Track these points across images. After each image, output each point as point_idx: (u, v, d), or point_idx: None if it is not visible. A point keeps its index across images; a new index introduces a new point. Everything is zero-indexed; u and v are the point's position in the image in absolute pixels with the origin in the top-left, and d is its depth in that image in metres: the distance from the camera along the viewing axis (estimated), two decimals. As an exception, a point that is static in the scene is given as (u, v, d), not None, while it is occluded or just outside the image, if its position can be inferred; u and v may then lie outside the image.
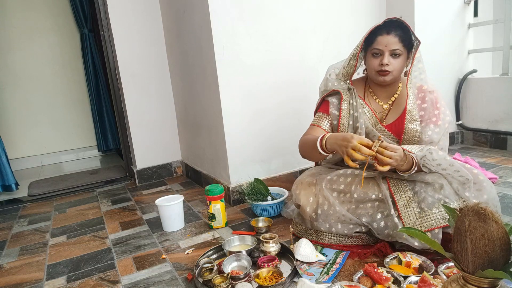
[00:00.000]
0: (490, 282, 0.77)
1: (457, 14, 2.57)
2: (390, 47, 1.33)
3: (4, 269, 1.54)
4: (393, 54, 1.34)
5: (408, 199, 1.26)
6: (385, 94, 1.46)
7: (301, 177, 1.53)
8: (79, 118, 3.92)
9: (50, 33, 3.68)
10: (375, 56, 1.36)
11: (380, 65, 1.35)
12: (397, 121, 1.41)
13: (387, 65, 1.34)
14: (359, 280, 1.12)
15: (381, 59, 1.34)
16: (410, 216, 1.23)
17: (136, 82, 2.52)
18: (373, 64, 1.37)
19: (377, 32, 1.34)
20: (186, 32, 2.17)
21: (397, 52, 1.33)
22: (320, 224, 1.37)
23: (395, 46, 1.32)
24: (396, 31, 1.32)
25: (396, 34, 1.32)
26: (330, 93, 1.50)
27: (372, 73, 1.40)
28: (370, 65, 1.40)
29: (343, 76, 1.50)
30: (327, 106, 1.50)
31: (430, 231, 1.18)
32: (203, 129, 2.24)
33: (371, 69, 1.40)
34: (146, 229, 1.79)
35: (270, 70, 2.00)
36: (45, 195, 2.55)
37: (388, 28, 1.33)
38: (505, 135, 2.45)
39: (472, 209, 0.77)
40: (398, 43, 1.32)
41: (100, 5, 2.42)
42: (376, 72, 1.37)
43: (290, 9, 2.01)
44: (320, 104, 1.55)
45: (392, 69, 1.35)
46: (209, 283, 1.17)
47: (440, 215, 1.19)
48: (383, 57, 1.34)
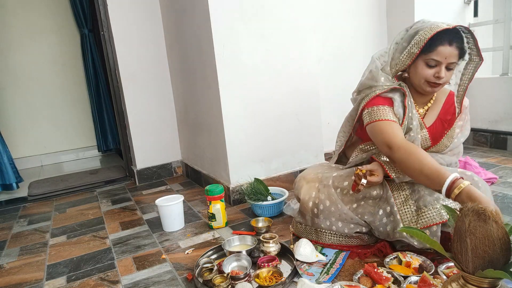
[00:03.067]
0: (490, 282, 0.77)
1: (457, 14, 2.57)
2: (449, 59, 1.21)
3: (4, 269, 1.54)
4: (448, 67, 1.23)
5: (405, 197, 1.26)
6: (422, 100, 1.37)
7: (304, 172, 1.53)
8: (79, 118, 3.92)
9: (50, 33, 3.68)
10: (430, 66, 1.23)
11: (435, 77, 1.23)
12: (433, 126, 1.38)
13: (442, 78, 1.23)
14: (359, 280, 1.12)
15: (437, 71, 1.23)
16: (407, 214, 1.23)
17: (136, 82, 2.52)
18: (426, 73, 1.24)
19: (437, 39, 1.19)
20: (186, 32, 2.17)
21: (453, 66, 1.24)
22: (320, 221, 1.37)
23: (454, 59, 1.22)
24: (458, 43, 1.21)
25: (457, 46, 1.21)
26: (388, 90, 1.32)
27: (421, 81, 1.27)
28: (421, 73, 1.26)
29: (391, 72, 1.34)
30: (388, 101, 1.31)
31: (427, 228, 1.18)
32: (203, 129, 2.24)
33: (420, 77, 1.26)
34: (146, 229, 1.79)
35: (270, 70, 2.00)
36: (45, 195, 2.55)
37: (451, 38, 1.20)
38: (505, 135, 2.45)
39: (472, 209, 0.77)
40: (457, 56, 1.22)
41: (100, 5, 2.42)
42: (426, 81, 1.26)
43: (290, 9, 2.01)
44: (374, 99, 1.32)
45: (444, 82, 1.25)
46: (209, 283, 1.17)
47: (435, 212, 1.19)
48: (440, 69, 1.22)
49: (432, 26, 1.20)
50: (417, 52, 1.23)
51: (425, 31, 1.21)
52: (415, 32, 1.25)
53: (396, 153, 1.20)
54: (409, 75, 1.32)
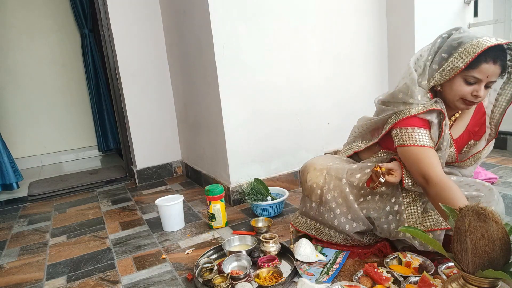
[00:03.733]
0: (490, 282, 0.77)
1: (457, 14, 2.57)
2: (491, 78, 1.12)
3: (4, 269, 1.54)
4: (487, 86, 1.14)
5: (414, 197, 1.24)
6: (450, 112, 1.28)
7: (313, 159, 1.48)
8: (79, 118, 3.92)
9: (50, 33, 3.68)
10: (469, 83, 1.14)
11: (473, 95, 1.14)
12: (459, 138, 1.32)
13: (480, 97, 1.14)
14: (359, 280, 1.12)
15: (476, 89, 1.13)
16: (412, 214, 1.22)
17: (136, 82, 2.52)
18: (464, 90, 1.14)
19: (481, 56, 1.09)
20: (186, 32, 2.17)
21: (492, 84, 1.16)
22: (325, 210, 1.34)
23: (495, 78, 1.13)
24: (502, 60, 1.12)
25: (501, 64, 1.11)
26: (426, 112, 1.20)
27: (455, 98, 1.18)
28: (458, 90, 1.16)
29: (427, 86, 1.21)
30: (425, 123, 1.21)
31: (430, 231, 1.17)
32: (203, 129, 2.24)
33: (456, 94, 1.17)
34: (146, 229, 1.79)
35: (270, 70, 2.00)
36: (45, 195, 2.55)
37: (496, 55, 1.10)
38: (505, 135, 2.45)
39: (472, 209, 0.77)
40: (498, 74, 1.13)
41: (100, 5, 2.42)
42: (461, 99, 1.17)
43: (290, 9, 2.01)
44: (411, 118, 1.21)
45: (480, 100, 1.16)
46: (209, 283, 1.17)
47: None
48: (479, 88, 1.13)
49: (479, 40, 1.10)
50: (462, 67, 1.11)
51: (472, 44, 1.10)
52: (458, 44, 1.14)
53: (432, 189, 1.12)
54: (443, 89, 1.21)
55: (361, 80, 2.49)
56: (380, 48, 2.54)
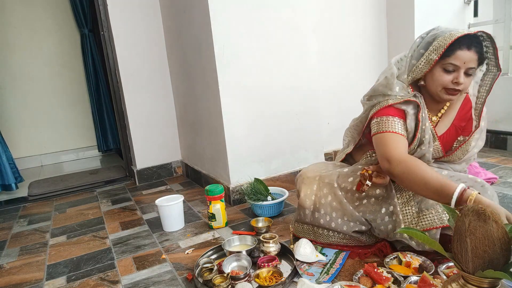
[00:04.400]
0: (490, 282, 0.77)
1: (457, 14, 2.57)
2: (468, 64, 1.16)
3: (4, 269, 1.54)
4: (467, 73, 1.18)
5: (408, 198, 1.25)
6: (436, 107, 1.32)
7: (306, 169, 1.51)
8: (79, 118, 3.92)
9: (50, 33, 3.68)
10: (447, 71, 1.19)
11: (454, 83, 1.18)
12: (446, 133, 1.34)
13: (461, 84, 1.18)
14: (359, 280, 1.12)
15: (456, 77, 1.18)
16: (408, 215, 1.23)
17: (136, 82, 2.52)
18: (444, 79, 1.19)
19: (456, 44, 1.15)
20: (186, 32, 2.17)
21: (471, 71, 1.19)
22: (321, 215, 1.35)
23: (473, 64, 1.17)
24: (477, 48, 1.16)
25: (477, 51, 1.16)
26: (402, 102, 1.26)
27: (438, 88, 1.22)
28: (439, 79, 1.20)
29: (407, 80, 1.28)
30: (400, 113, 1.26)
31: (426, 231, 1.18)
32: (203, 129, 2.24)
33: (438, 84, 1.21)
34: (146, 229, 1.79)
35: (270, 70, 2.00)
36: (45, 195, 2.55)
37: (470, 43, 1.15)
38: (505, 135, 2.45)
39: (472, 209, 0.77)
40: (476, 61, 1.17)
41: (100, 5, 2.42)
42: (444, 89, 1.21)
43: (290, 9, 2.01)
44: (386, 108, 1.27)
45: (463, 88, 1.20)
46: (209, 283, 1.17)
47: (436, 216, 1.19)
48: (458, 75, 1.17)
49: (452, 32, 1.16)
50: (436, 59, 1.18)
51: (444, 37, 1.17)
52: (433, 39, 1.20)
53: (395, 168, 1.15)
54: (426, 82, 1.26)
55: (361, 79, 2.49)
56: (380, 48, 2.54)
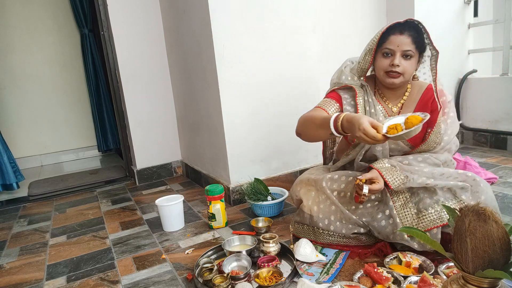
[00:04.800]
0: (490, 282, 0.77)
1: (457, 14, 2.57)
2: (402, 47, 1.26)
3: (4, 269, 1.54)
4: (405, 55, 1.28)
5: (405, 200, 1.26)
6: (394, 96, 1.40)
7: (301, 176, 1.54)
8: (79, 118, 3.92)
9: (50, 33, 3.68)
10: (386, 56, 1.30)
11: (390, 65, 1.29)
12: None
13: (397, 66, 1.27)
14: (359, 280, 1.12)
15: (392, 60, 1.28)
16: (407, 216, 1.23)
17: (136, 82, 2.52)
18: (383, 64, 1.31)
19: (389, 31, 1.28)
20: (186, 32, 2.17)
21: (409, 53, 1.28)
22: (319, 219, 1.37)
23: (408, 47, 1.26)
24: (410, 32, 1.27)
25: (410, 35, 1.26)
26: (342, 87, 1.43)
27: (381, 73, 1.33)
28: (379, 65, 1.33)
29: (357, 71, 1.42)
30: (338, 97, 1.42)
31: (427, 231, 1.18)
32: (203, 129, 2.24)
33: (380, 69, 1.33)
34: (146, 229, 1.79)
35: (270, 70, 2.00)
36: (45, 195, 2.55)
37: (402, 28, 1.27)
38: (505, 135, 2.45)
39: (472, 209, 0.77)
40: (411, 44, 1.27)
41: (100, 5, 2.42)
42: (385, 73, 1.31)
43: (290, 9, 2.01)
44: (329, 92, 1.47)
45: (403, 71, 1.29)
46: (209, 283, 1.17)
47: (436, 215, 1.19)
48: (394, 58, 1.28)
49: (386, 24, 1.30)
50: (374, 48, 1.32)
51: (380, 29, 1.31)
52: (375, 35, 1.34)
53: (297, 126, 1.37)
54: (375, 71, 1.39)
55: (361, 80, 2.49)
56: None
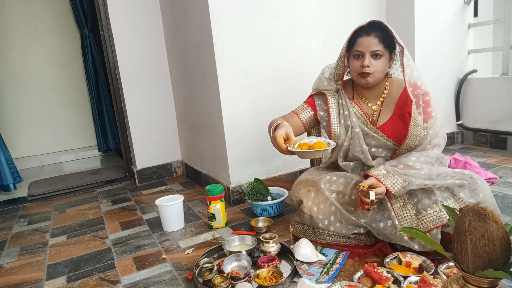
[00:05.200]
0: (490, 282, 0.77)
1: (457, 14, 2.57)
2: (370, 48, 1.31)
3: (4, 269, 1.54)
4: (374, 55, 1.32)
5: (404, 201, 1.26)
6: (373, 96, 1.44)
7: (300, 177, 1.55)
8: (79, 118, 3.92)
9: (50, 33, 3.68)
10: (357, 58, 1.36)
11: (361, 66, 1.34)
12: (389, 121, 1.39)
13: (368, 66, 1.32)
14: (359, 280, 1.12)
15: (362, 61, 1.34)
16: (407, 218, 1.23)
17: (136, 82, 2.52)
18: (355, 65, 1.37)
19: (357, 34, 1.34)
20: (186, 32, 2.17)
21: (378, 53, 1.32)
22: (319, 220, 1.37)
23: (376, 47, 1.31)
24: (376, 32, 1.32)
25: (376, 35, 1.31)
26: (317, 93, 1.53)
27: (354, 75, 1.39)
28: (352, 67, 1.39)
29: (333, 77, 1.49)
30: (313, 103, 1.53)
31: (427, 232, 1.18)
32: (203, 129, 2.24)
33: (353, 71, 1.39)
34: (146, 229, 1.79)
35: (270, 70, 2.00)
36: (45, 195, 2.55)
37: (368, 30, 1.32)
38: (505, 135, 2.45)
39: (472, 209, 0.77)
40: (378, 44, 1.31)
41: (100, 5, 2.42)
42: (357, 74, 1.37)
43: (290, 9, 2.01)
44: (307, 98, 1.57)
45: (373, 71, 1.33)
46: (209, 283, 1.17)
47: (435, 215, 1.19)
48: (364, 59, 1.33)
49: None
50: (344, 53, 1.39)
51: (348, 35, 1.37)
52: None
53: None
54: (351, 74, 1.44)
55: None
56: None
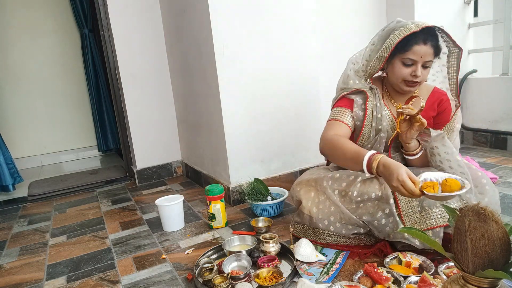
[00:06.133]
0: (490, 282, 0.77)
1: (457, 14, 2.57)
2: (425, 58, 1.25)
3: (4, 269, 1.54)
4: (424, 65, 1.27)
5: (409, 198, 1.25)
6: (403, 98, 1.40)
7: (301, 176, 1.54)
8: (79, 118, 3.91)
9: (50, 33, 3.68)
10: (406, 65, 1.28)
11: (412, 76, 1.27)
12: None
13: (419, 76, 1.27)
14: (359, 280, 1.12)
15: (414, 70, 1.27)
16: (411, 214, 1.23)
17: (136, 82, 2.52)
18: (403, 73, 1.29)
19: (412, 39, 1.24)
20: (186, 32, 2.17)
21: (429, 64, 1.28)
22: (318, 220, 1.37)
23: (430, 57, 1.26)
24: (432, 41, 1.25)
25: (432, 45, 1.25)
26: (353, 92, 1.40)
27: (398, 80, 1.32)
28: (398, 72, 1.30)
29: (365, 75, 1.41)
30: (350, 103, 1.40)
31: (431, 229, 1.18)
32: (203, 129, 2.24)
33: (398, 77, 1.31)
34: (146, 229, 1.79)
35: (270, 70, 2.00)
36: (45, 195, 2.55)
37: (426, 37, 1.24)
38: (505, 135, 2.45)
39: (472, 209, 0.77)
40: (432, 54, 1.26)
41: (100, 5, 2.42)
42: (403, 81, 1.30)
43: (290, 9, 2.01)
44: (339, 100, 1.44)
45: (421, 80, 1.29)
46: (209, 283, 1.17)
47: (440, 214, 1.20)
48: (416, 68, 1.26)
49: (401, 29, 1.25)
50: (386, 56, 1.30)
51: (395, 34, 1.26)
52: (387, 34, 1.30)
53: (322, 147, 1.34)
54: (387, 74, 1.37)
55: (361, 80, 2.49)
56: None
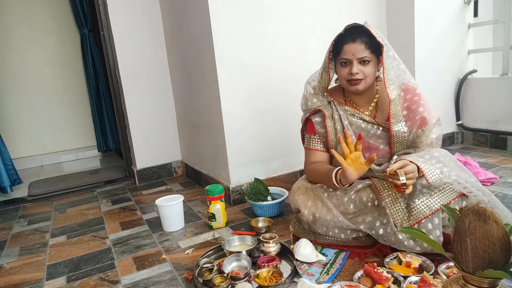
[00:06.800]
0: (490, 282, 0.77)
1: (457, 14, 2.57)
2: (357, 55, 1.28)
3: (4, 269, 1.54)
4: (362, 61, 1.30)
5: (395, 194, 1.24)
6: (364, 101, 1.42)
7: (298, 182, 1.54)
8: (79, 118, 3.92)
9: (50, 33, 3.68)
10: (344, 65, 1.33)
11: (349, 74, 1.31)
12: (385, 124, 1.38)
13: (356, 73, 1.30)
14: (359, 280, 1.12)
15: (350, 68, 1.31)
16: (398, 212, 1.23)
17: (136, 82, 2.52)
18: (343, 73, 1.34)
19: (342, 40, 1.31)
20: (186, 32, 2.17)
21: (366, 59, 1.29)
22: (317, 227, 1.38)
23: (363, 53, 1.28)
24: (362, 38, 1.28)
25: (362, 41, 1.28)
26: (313, 113, 1.48)
27: (344, 82, 1.37)
28: (339, 74, 1.37)
29: (319, 90, 1.47)
30: (312, 127, 1.48)
31: (417, 223, 1.18)
32: (203, 129, 2.24)
33: (342, 78, 1.37)
34: (146, 229, 1.79)
35: (270, 70, 2.00)
36: (45, 195, 2.55)
37: (353, 36, 1.28)
38: (505, 135, 2.45)
39: (472, 209, 0.77)
40: (365, 50, 1.28)
41: (100, 5, 2.42)
42: (347, 81, 1.34)
43: (290, 9, 2.01)
44: (306, 124, 1.53)
45: (363, 77, 1.31)
46: (209, 283, 1.17)
47: (423, 205, 1.19)
48: (352, 66, 1.30)
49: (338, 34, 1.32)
50: (327, 66, 1.38)
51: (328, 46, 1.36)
52: None
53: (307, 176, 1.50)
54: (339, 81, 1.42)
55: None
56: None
